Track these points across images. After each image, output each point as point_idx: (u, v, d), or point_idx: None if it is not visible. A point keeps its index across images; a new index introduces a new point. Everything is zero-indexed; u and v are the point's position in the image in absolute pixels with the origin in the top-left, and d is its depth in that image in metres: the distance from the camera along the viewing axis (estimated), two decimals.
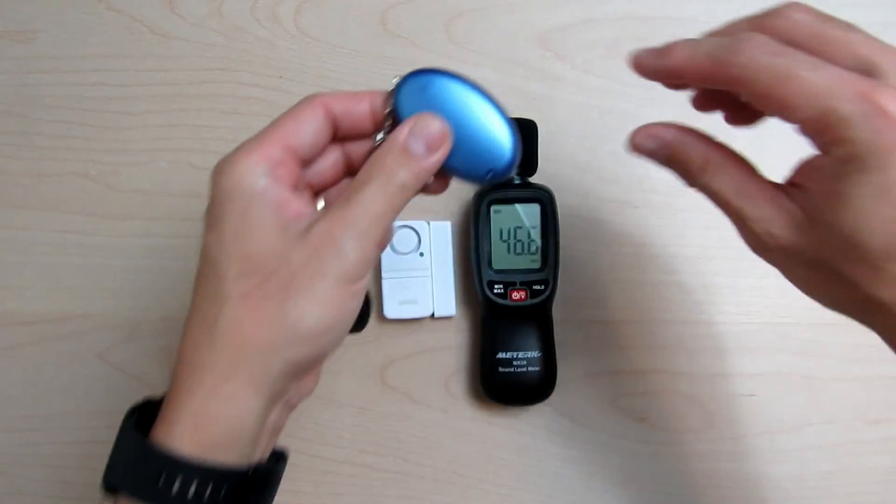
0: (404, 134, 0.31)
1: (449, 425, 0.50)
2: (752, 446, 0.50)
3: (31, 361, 0.51)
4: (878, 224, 0.26)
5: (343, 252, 0.29)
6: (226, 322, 0.29)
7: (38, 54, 0.53)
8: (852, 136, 0.26)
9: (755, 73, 0.27)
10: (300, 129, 0.32)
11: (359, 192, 0.30)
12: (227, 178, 0.31)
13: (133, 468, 0.30)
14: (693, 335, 0.51)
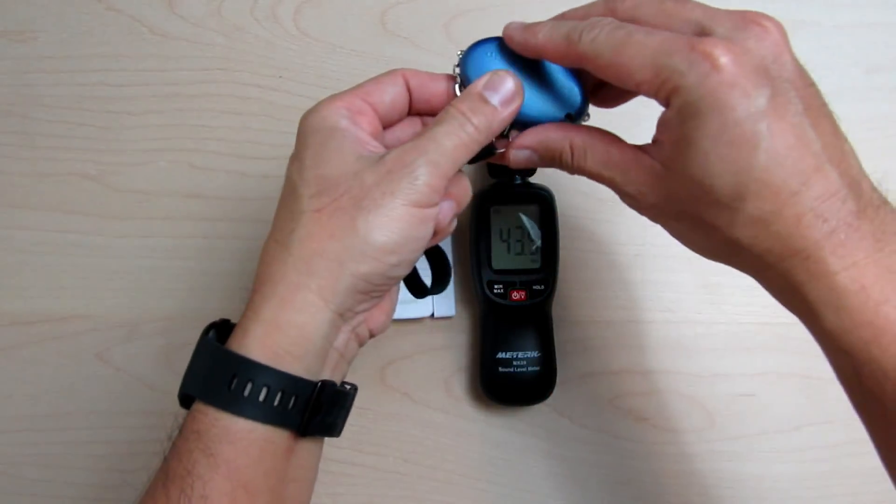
0: (481, 84, 0.33)
1: (449, 425, 0.50)
2: (752, 446, 0.50)
3: (31, 361, 0.51)
4: (721, 165, 0.28)
5: (414, 175, 0.31)
6: (299, 235, 0.31)
7: (38, 54, 0.53)
8: (684, 83, 0.28)
9: (599, 48, 0.30)
10: (381, 90, 0.35)
11: (433, 129, 0.32)
12: (312, 118, 0.33)
13: (206, 374, 0.31)
14: (693, 335, 0.51)
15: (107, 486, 0.50)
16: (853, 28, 0.52)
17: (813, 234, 0.28)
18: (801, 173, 0.28)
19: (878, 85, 0.52)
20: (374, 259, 0.31)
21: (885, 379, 0.27)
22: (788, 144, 0.28)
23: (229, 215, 0.52)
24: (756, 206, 0.28)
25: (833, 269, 0.28)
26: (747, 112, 0.28)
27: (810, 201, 0.28)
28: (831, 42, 0.52)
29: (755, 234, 0.29)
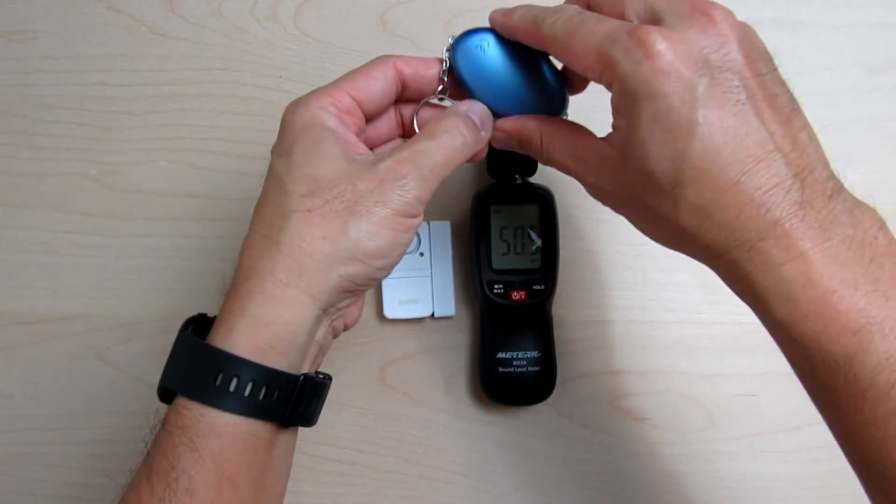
0: (465, 106, 0.36)
1: (449, 425, 0.50)
2: (752, 446, 0.50)
3: (31, 361, 0.51)
4: (659, 151, 0.28)
5: (405, 187, 0.32)
6: (290, 234, 0.32)
7: (38, 54, 0.53)
8: (621, 71, 0.29)
9: (556, 31, 0.31)
10: (370, 86, 0.35)
11: (423, 142, 0.34)
12: (301, 115, 0.34)
13: (190, 370, 0.32)
14: (693, 335, 0.51)
15: (106, 486, 0.50)
16: (853, 28, 0.52)
17: (755, 225, 0.28)
18: (741, 162, 0.28)
19: (878, 85, 0.52)
20: (362, 262, 0.32)
21: (836, 368, 0.27)
22: (727, 134, 0.28)
23: (229, 215, 0.52)
24: (695, 195, 0.28)
25: (778, 261, 0.28)
26: (681, 100, 0.28)
27: (751, 191, 0.28)
28: (831, 42, 0.52)
29: (699, 224, 0.29)
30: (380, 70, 0.35)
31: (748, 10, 0.53)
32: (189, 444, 0.31)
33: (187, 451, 0.30)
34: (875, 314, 0.27)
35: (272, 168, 0.34)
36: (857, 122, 0.52)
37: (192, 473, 0.30)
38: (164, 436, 0.31)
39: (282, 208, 0.32)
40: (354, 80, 0.35)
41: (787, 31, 0.53)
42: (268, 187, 0.34)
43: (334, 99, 0.34)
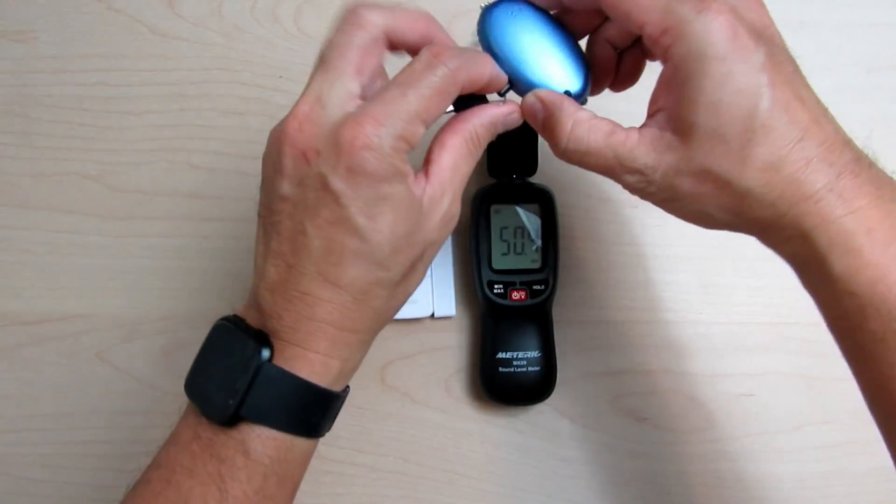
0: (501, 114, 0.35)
1: (449, 425, 0.50)
2: (752, 446, 0.50)
3: (31, 361, 0.51)
4: (731, 111, 0.29)
5: (454, 221, 0.35)
6: (386, 302, 0.33)
7: (38, 54, 0.53)
8: (689, 30, 0.29)
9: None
10: (441, 112, 0.33)
11: (465, 164, 0.35)
12: (383, 166, 0.31)
13: (291, 407, 0.32)
14: (693, 335, 0.51)
15: (107, 486, 0.50)
16: (853, 28, 0.52)
17: (821, 178, 0.29)
18: (801, 123, 0.30)
19: (878, 85, 0.52)
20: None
21: (889, 318, 0.28)
22: (787, 96, 0.30)
23: (229, 215, 0.52)
24: (765, 151, 0.30)
25: (842, 212, 0.29)
26: (750, 64, 0.29)
27: (815, 147, 0.30)
28: (831, 42, 0.52)
29: (767, 181, 0.30)
30: (450, 95, 0.33)
31: None
32: (281, 473, 0.32)
33: (276, 478, 0.32)
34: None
35: (356, 229, 0.31)
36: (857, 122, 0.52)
37: (275, 498, 0.33)
38: (249, 463, 0.32)
39: (381, 281, 0.32)
40: (428, 111, 0.32)
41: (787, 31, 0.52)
42: (348, 247, 0.31)
43: (409, 144, 0.31)
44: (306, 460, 0.35)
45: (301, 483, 0.35)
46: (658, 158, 0.32)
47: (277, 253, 0.32)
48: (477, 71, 0.33)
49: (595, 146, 0.33)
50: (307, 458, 0.35)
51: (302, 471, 0.35)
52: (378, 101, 0.31)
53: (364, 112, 0.30)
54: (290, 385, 0.32)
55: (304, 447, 0.34)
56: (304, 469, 0.35)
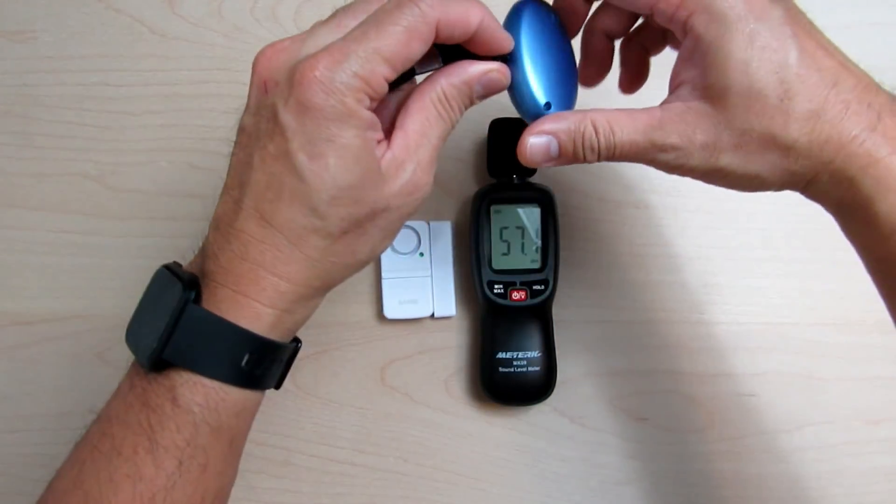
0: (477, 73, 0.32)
1: (449, 425, 0.50)
2: (752, 446, 0.50)
3: (31, 361, 0.51)
4: (762, 68, 0.30)
5: (424, 197, 0.33)
6: (325, 253, 0.32)
7: (38, 54, 0.53)
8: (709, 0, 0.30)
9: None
10: (406, 61, 0.30)
11: (433, 129, 0.33)
12: (336, 106, 0.29)
13: (214, 350, 0.31)
14: (693, 335, 0.51)
15: None
16: (853, 28, 0.52)
17: (863, 121, 0.30)
18: (832, 70, 0.30)
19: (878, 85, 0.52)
20: (367, 264, 0.35)
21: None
22: (812, 46, 0.30)
23: None
24: (804, 100, 0.30)
25: (887, 152, 0.29)
26: (772, 20, 0.30)
27: (850, 89, 0.30)
28: None
29: (811, 129, 0.30)
30: (420, 38, 0.30)
31: None
32: (212, 422, 0.31)
33: (208, 428, 0.31)
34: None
35: (297, 168, 0.29)
36: None
37: (209, 449, 0.31)
38: (178, 412, 0.31)
39: (317, 228, 0.30)
40: (393, 51, 0.29)
41: None
42: (290, 187, 0.30)
43: (371, 88, 0.29)
44: (244, 414, 0.33)
45: (244, 442, 0.34)
46: (691, 129, 0.31)
47: (228, 187, 0.32)
48: (456, 15, 0.30)
49: (623, 136, 0.32)
50: (245, 411, 0.33)
51: (240, 424, 0.33)
52: (341, 39, 0.29)
53: (325, 48, 0.29)
54: (216, 327, 0.31)
55: (240, 399, 0.32)
56: (245, 423, 0.33)
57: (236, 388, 0.32)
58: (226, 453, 0.32)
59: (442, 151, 0.52)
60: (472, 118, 0.52)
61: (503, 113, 0.47)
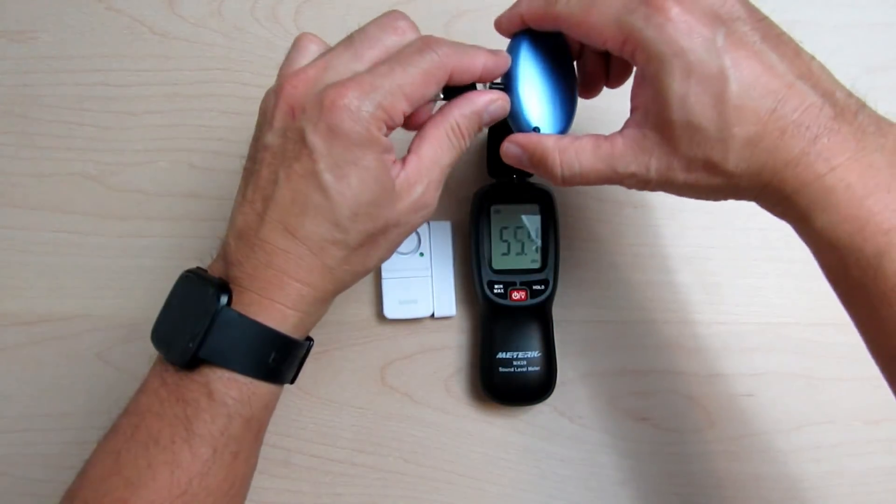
0: (482, 104, 0.36)
1: (449, 425, 0.51)
2: (752, 446, 0.50)
3: (31, 361, 0.51)
4: (700, 100, 0.31)
5: (429, 212, 0.36)
6: (342, 263, 0.35)
7: (38, 54, 0.53)
8: (644, 38, 0.31)
9: (571, 9, 0.34)
10: (423, 100, 0.34)
11: (444, 156, 0.36)
12: (361, 131, 0.33)
13: (246, 349, 0.34)
14: (693, 335, 0.51)
15: None
16: (853, 28, 0.52)
17: (798, 144, 0.31)
18: (774, 93, 0.31)
19: (878, 85, 0.52)
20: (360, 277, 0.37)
21: (867, 266, 0.30)
22: (755, 71, 0.31)
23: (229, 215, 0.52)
24: (742, 131, 0.31)
25: (821, 172, 0.30)
26: (707, 50, 0.31)
27: (789, 114, 0.31)
28: (831, 42, 0.52)
29: (749, 156, 0.31)
30: (437, 82, 0.34)
31: None
32: (245, 414, 0.34)
33: (241, 420, 0.34)
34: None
35: (323, 185, 0.32)
36: None
37: (241, 439, 0.34)
38: (213, 405, 0.33)
39: (337, 241, 0.34)
40: (414, 91, 0.33)
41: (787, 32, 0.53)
42: (315, 203, 0.33)
43: (389, 116, 0.33)
44: (270, 406, 0.36)
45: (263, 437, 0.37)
46: (647, 158, 0.34)
47: (250, 201, 0.35)
48: (468, 61, 0.34)
49: (588, 165, 0.35)
50: (270, 403, 0.36)
51: (266, 416, 0.36)
52: (367, 72, 0.33)
53: (352, 78, 0.33)
54: (248, 328, 0.34)
55: (267, 392, 0.35)
56: (269, 414, 0.37)
57: (264, 382, 0.35)
58: (254, 443, 0.36)
59: None
60: None
61: None
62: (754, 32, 0.32)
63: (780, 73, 0.31)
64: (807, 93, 0.31)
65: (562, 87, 0.39)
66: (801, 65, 0.32)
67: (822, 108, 0.31)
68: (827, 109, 0.31)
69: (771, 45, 0.32)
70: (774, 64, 0.31)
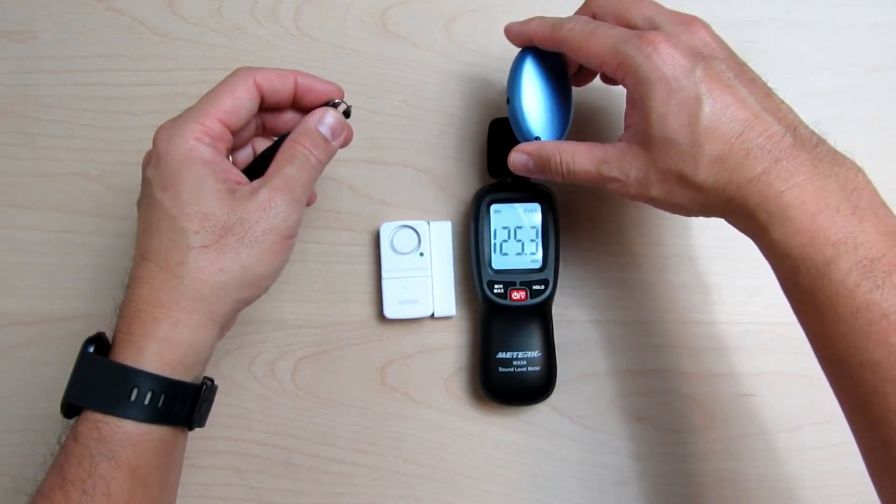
0: (314, 121, 0.40)
1: (449, 425, 0.51)
2: (752, 446, 0.50)
3: (31, 361, 0.51)
4: (677, 119, 0.36)
5: (285, 213, 0.37)
6: (190, 268, 0.36)
7: (38, 54, 0.53)
8: (635, 64, 0.37)
9: (574, 35, 0.39)
10: (237, 107, 0.39)
11: (288, 167, 0.38)
12: (178, 147, 0.37)
13: (104, 387, 0.35)
14: (693, 335, 0.51)
15: None
16: (853, 28, 0.52)
17: (761, 164, 0.35)
18: (742, 120, 0.35)
19: (878, 85, 0.52)
20: (255, 286, 0.38)
21: (816, 273, 0.33)
22: (726, 101, 0.36)
23: None
24: (711, 149, 0.36)
25: (779, 189, 0.34)
26: (687, 78, 0.36)
27: (754, 139, 0.35)
28: (831, 42, 0.52)
29: (716, 172, 0.36)
30: (243, 88, 0.39)
31: (749, 10, 0.53)
32: (107, 454, 0.34)
33: (104, 459, 0.34)
34: (850, 231, 0.33)
35: (158, 202, 0.37)
36: (857, 122, 0.52)
37: (110, 479, 0.34)
38: (78, 447, 0.34)
39: (178, 244, 0.36)
40: (220, 101, 0.38)
41: (787, 31, 0.53)
42: (157, 220, 0.37)
43: (206, 128, 0.38)
44: (147, 447, 0.35)
45: (166, 477, 0.37)
46: (628, 166, 0.38)
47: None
48: (269, 72, 0.41)
49: (580, 166, 0.40)
50: (147, 444, 0.35)
51: (142, 457, 0.35)
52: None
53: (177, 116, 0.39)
54: (102, 367, 0.35)
55: (136, 431, 0.35)
56: (151, 457, 0.36)
57: (129, 420, 0.35)
58: (130, 483, 0.35)
59: (442, 151, 0.53)
60: (472, 118, 0.52)
61: (503, 113, 0.47)
62: (729, 70, 0.36)
63: (748, 105, 0.36)
64: (771, 123, 0.35)
65: (559, 100, 0.43)
66: (769, 102, 0.36)
67: (783, 137, 0.35)
68: (788, 138, 0.35)
69: (743, 83, 0.36)
70: (745, 97, 0.36)
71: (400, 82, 0.52)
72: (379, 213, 0.51)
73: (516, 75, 0.43)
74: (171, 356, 0.36)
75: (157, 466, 0.36)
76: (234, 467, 0.50)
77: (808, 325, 0.36)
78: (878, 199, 0.34)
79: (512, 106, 0.43)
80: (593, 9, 0.41)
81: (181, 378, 0.36)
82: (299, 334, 0.51)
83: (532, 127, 0.43)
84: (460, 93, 0.52)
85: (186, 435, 0.39)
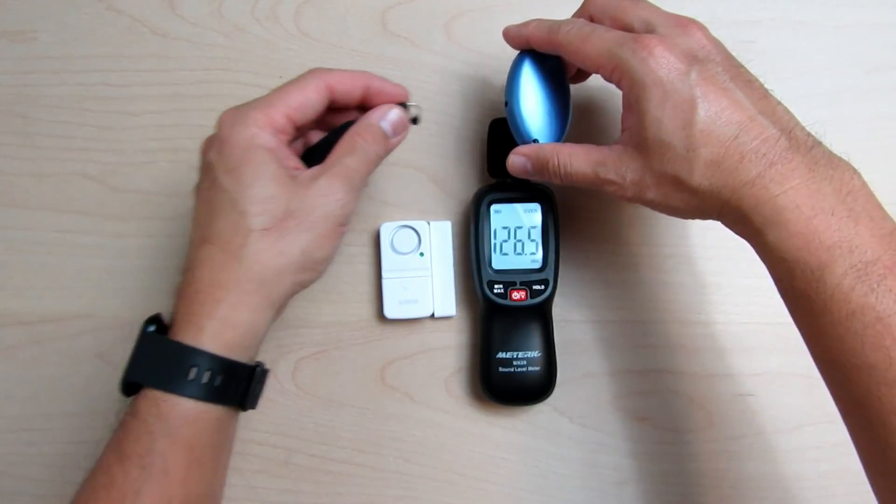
0: (378, 115, 0.41)
1: (449, 425, 0.51)
2: (752, 446, 0.50)
3: (31, 361, 0.51)
4: (672, 125, 0.36)
5: (342, 201, 0.38)
6: (250, 251, 0.36)
7: (38, 54, 0.53)
8: (630, 67, 0.37)
9: (571, 38, 0.39)
10: (304, 104, 0.40)
11: (348, 157, 0.39)
12: (241, 133, 0.38)
13: (164, 366, 0.36)
14: (693, 335, 0.51)
15: None
16: (853, 28, 0.52)
17: (756, 168, 0.35)
18: (737, 123, 0.35)
19: (878, 85, 0.52)
20: (312, 270, 0.39)
21: (811, 276, 0.33)
22: (721, 104, 0.35)
23: None
24: (706, 152, 0.35)
25: (774, 193, 0.34)
26: (682, 82, 0.36)
27: (749, 142, 0.35)
28: (831, 42, 0.52)
29: (711, 175, 0.36)
30: (313, 88, 0.40)
31: (749, 10, 0.53)
32: (165, 431, 0.35)
33: (163, 436, 0.35)
34: (845, 234, 0.33)
35: (220, 185, 0.37)
36: (857, 122, 0.52)
37: (168, 456, 0.35)
38: (137, 423, 0.35)
39: (239, 226, 0.37)
40: (288, 97, 0.39)
41: (787, 31, 0.53)
42: (218, 203, 0.37)
43: (270, 119, 0.38)
44: (204, 425, 0.36)
45: (218, 456, 0.38)
46: (624, 169, 0.38)
47: (189, 238, 0.38)
48: (341, 76, 0.42)
49: (577, 167, 0.40)
50: (204, 423, 0.36)
51: (199, 434, 0.36)
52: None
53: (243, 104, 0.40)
54: (162, 346, 0.36)
55: (194, 409, 0.36)
56: (207, 435, 0.37)
57: (188, 398, 0.35)
58: (187, 461, 0.35)
59: (442, 151, 0.53)
60: (472, 118, 0.52)
61: (503, 113, 0.47)
62: (725, 73, 0.36)
63: (744, 108, 0.35)
64: (766, 126, 0.35)
65: (557, 103, 0.44)
66: (765, 105, 0.36)
67: (778, 140, 0.35)
68: (783, 141, 0.35)
69: (739, 85, 0.36)
70: (740, 100, 0.36)
71: (400, 82, 0.52)
72: (379, 213, 0.51)
73: (514, 78, 0.43)
74: (229, 337, 0.36)
75: (212, 446, 0.37)
76: (233, 467, 0.50)
77: (804, 328, 0.36)
78: (874, 202, 0.34)
79: (510, 108, 0.43)
80: (590, 11, 0.41)
81: (238, 359, 0.37)
82: (299, 334, 0.51)
83: (530, 129, 0.43)
84: (460, 93, 0.52)
85: (238, 416, 0.40)
